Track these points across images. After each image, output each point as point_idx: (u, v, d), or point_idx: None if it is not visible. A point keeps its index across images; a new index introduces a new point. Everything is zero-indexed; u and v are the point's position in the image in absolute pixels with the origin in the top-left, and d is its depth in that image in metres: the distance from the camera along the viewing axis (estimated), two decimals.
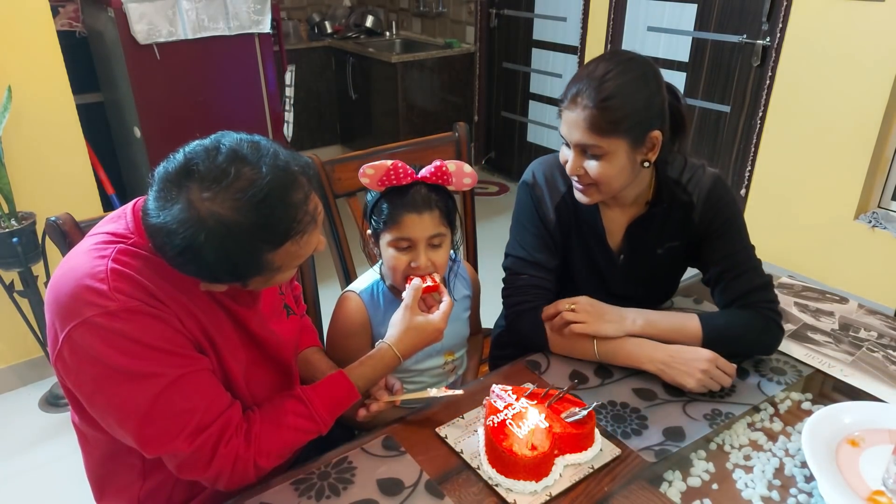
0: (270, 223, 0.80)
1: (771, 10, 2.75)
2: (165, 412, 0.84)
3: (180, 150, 0.81)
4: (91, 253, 0.86)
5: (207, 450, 0.88)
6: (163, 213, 0.78)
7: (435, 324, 1.10)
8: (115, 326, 0.81)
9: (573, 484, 0.93)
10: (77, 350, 0.82)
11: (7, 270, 2.11)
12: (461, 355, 1.36)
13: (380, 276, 1.27)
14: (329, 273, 1.62)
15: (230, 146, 0.80)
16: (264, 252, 0.82)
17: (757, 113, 2.89)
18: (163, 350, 0.84)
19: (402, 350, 1.08)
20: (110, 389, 0.83)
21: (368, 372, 1.07)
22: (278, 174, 0.80)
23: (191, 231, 0.77)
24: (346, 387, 1.02)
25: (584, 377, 1.18)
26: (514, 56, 4.14)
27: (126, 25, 2.38)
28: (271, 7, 2.63)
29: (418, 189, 1.14)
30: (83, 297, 0.82)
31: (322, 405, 0.99)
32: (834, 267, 2.76)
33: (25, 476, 2.00)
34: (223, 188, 0.78)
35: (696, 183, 1.25)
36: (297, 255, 0.87)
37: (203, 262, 0.80)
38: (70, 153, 2.26)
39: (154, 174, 0.81)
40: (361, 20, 4.57)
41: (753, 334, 1.21)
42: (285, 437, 0.95)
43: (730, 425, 1.06)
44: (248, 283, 0.88)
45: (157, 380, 0.83)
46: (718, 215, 1.24)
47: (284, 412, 0.97)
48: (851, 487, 0.90)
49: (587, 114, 1.10)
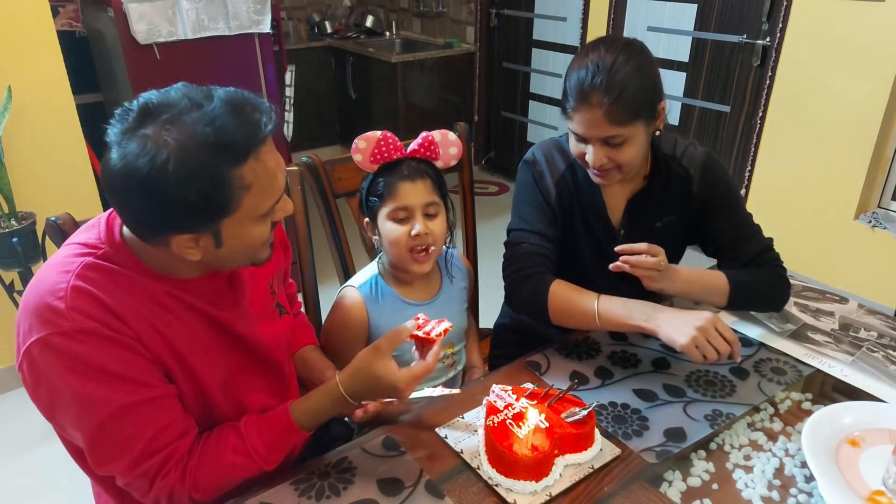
0: (230, 136, 0.78)
1: (771, 10, 2.75)
2: (111, 436, 0.85)
3: (133, 102, 0.80)
4: (59, 266, 0.86)
5: (146, 481, 0.88)
6: (122, 154, 0.76)
7: (395, 382, 0.93)
8: (68, 347, 0.81)
9: (573, 484, 0.93)
10: (33, 366, 0.84)
11: (7, 270, 2.11)
12: (460, 349, 1.36)
13: (378, 272, 1.27)
14: (329, 273, 1.62)
15: (180, 87, 0.82)
16: (227, 169, 0.79)
17: (757, 113, 2.89)
18: (114, 374, 0.84)
19: (350, 391, 0.96)
20: (61, 408, 0.85)
21: (312, 406, 0.98)
22: (231, 96, 0.81)
23: (150, 157, 0.75)
24: (286, 423, 0.96)
25: (584, 377, 1.18)
26: (514, 56, 4.14)
27: (126, 25, 2.38)
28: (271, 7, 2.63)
29: (409, 162, 1.20)
30: (42, 314, 0.82)
31: (260, 441, 0.94)
32: (834, 267, 2.76)
33: (25, 476, 2.00)
34: (178, 117, 0.77)
35: (690, 157, 1.32)
36: (263, 176, 0.82)
37: (168, 195, 0.76)
38: (70, 153, 2.25)
39: (109, 132, 0.79)
40: (361, 20, 4.57)
41: (771, 288, 1.30)
42: (220, 473, 0.93)
43: (730, 425, 1.06)
44: (221, 225, 0.83)
45: (106, 405, 0.84)
46: (717, 186, 1.31)
47: (223, 448, 0.93)
48: (851, 487, 0.89)
49: (606, 110, 1.12)
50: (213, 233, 0.84)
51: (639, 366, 1.21)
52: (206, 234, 0.84)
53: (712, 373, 1.19)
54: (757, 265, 1.30)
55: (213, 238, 0.85)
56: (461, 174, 1.65)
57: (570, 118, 1.18)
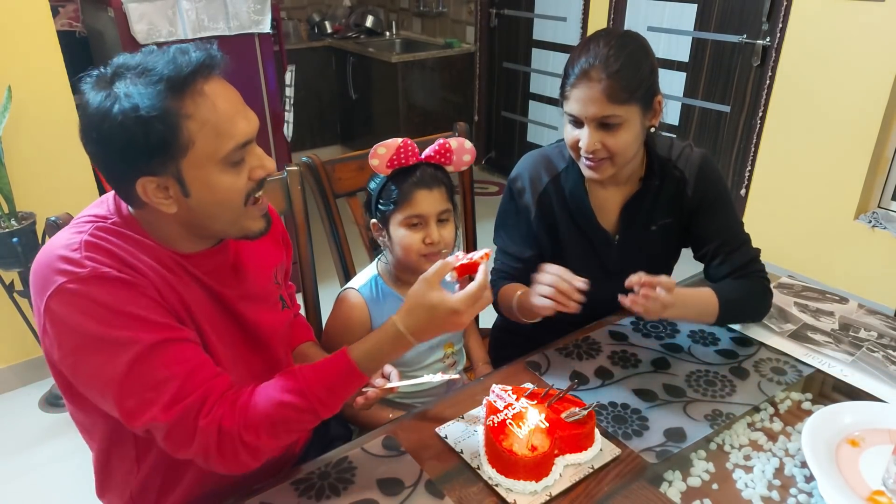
0: (163, 67, 0.82)
1: (771, 10, 2.75)
2: (142, 380, 0.82)
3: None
4: (69, 230, 0.88)
5: (188, 421, 0.84)
6: (84, 107, 0.83)
7: (452, 305, 0.90)
8: (86, 292, 0.81)
9: (573, 484, 0.93)
10: (55, 321, 0.82)
11: (7, 270, 2.11)
12: (460, 348, 1.37)
13: (377, 273, 1.27)
14: (329, 273, 1.62)
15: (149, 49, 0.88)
16: (166, 98, 0.81)
17: (757, 113, 2.89)
18: (136, 316, 0.82)
19: (409, 327, 0.92)
20: (88, 359, 0.82)
21: (372, 347, 0.93)
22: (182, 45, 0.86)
23: (102, 100, 0.81)
24: (345, 362, 0.91)
25: (584, 377, 1.18)
26: (514, 56, 4.14)
27: (126, 25, 2.38)
28: (271, 7, 2.63)
29: (424, 168, 1.20)
30: (55, 266, 0.82)
31: (316, 380, 0.89)
32: (834, 267, 2.76)
33: (25, 476, 2.00)
34: (132, 70, 0.83)
35: (686, 159, 1.32)
36: (211, 112, 0.84)
37: (116, 132, 0.80)
38: (70, 153, 2.25)
39: (85, 97, 0.84)
40: (361, 20, 4.57)
41: (757, 303, 1.30)
42: (274, 414, 0.87)
43: (730, 425, 1.06)
44: (181, 167, 0.84)
45: (132, 346, 0.81)
46: (711, 189, 1.31)
47: (277, 388, 0.89)
48: (851, 487, 0.89)
49: (604, 85, 1.13)
50: (174, 177, 0.84)
51: (639, 366, 1.21)
52: (170, 179, 0.85)
53: (712, 373, 1.19)
54: (742, 276, 1.28)
55: (178, 184, 0.85)
56: (461, 174, 1.65)
57: (568, 98, 1.18)
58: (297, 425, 0.90)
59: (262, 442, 0.87)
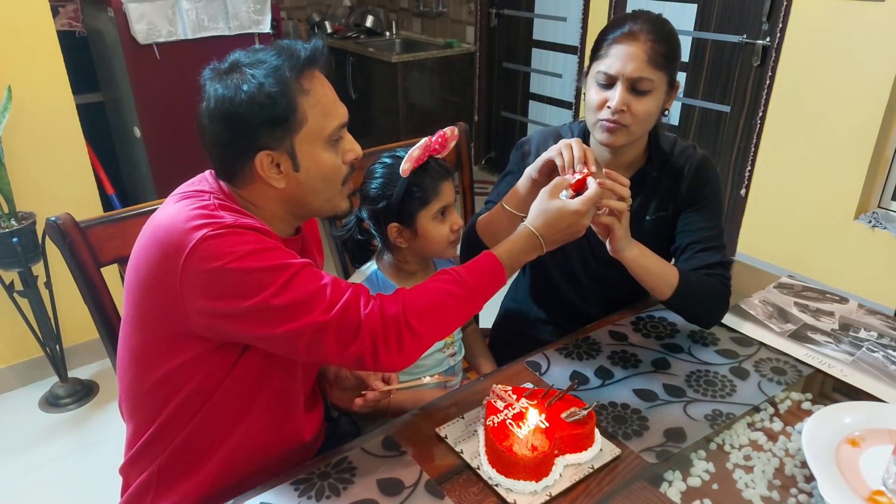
0: (289, 49, 0.93)
1: (771, 10, 2.75)
2: (300, 289, 0.88)
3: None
4: (184, 202, 0.92)
5: (351, 314, 0.89)
6: (208, 95, 0.93)
7: (574, 207, 1.00)
8: (233, 234, 0.87)
9: (573, 484, 0.93)
10: (199, 270, 0.85)
11: (7, 270, 2.11)
12: (459, 338, 1.37)
13: (377, 267, 1.28)
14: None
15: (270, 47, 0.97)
16: (288, 72, 0.91)
17: (757, 113, 2.89)
18: (281, 249, 0.90)
19: (539, 229, 1.02)
20: (239, 291, 0.86)
21: (510, 247, 1.03)
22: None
23: (230, 87, 0.90)
24: (492, 259, 1.00)
25: (584, 377, 1.18)
26: (514, 56, 4.14)
27: (126, 25, 2.38)
28: (271, 7, 2.63)
29: (433, 160, 1.21)
30: (193, 224, 0.87)
31: (469, 274, 0.98)
32: (834, 267, 2.75)
33: (25, 476, 2.00)
34: (252, 61, 0.93)
35: (688, 157, 1.34)
36: (322, 94, 0.94)
37: (242, 107, 0.89)
38: (70, 153, 2.26)
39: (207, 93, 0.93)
40: (361, 20, 4.57)
41: (713, 300, 1.25)
42: (436, 299, 0.95)
43: (730, 425, 1.06)
44: (294, 142, 0.92)
45: (286, 270, 0.88)
46: (704, 189, 1.32)
47: (432, 281, 0.98)
48: (851, 487, 0.90)
49: (649, 46, 1.17)
50: (288, 152, 0.93)
51: (639, 366, 1.21)
52: (283, 155, 0.93)
53: (712, 373, 1.19)
54: (709, 275, 1.25)
55: (290, 160, 0.93)
56: (461, 174, 1.65)
57: (605, 56, 1.20)
58: (454, 314, 0.98)
59: (423, 327, 0.93)
